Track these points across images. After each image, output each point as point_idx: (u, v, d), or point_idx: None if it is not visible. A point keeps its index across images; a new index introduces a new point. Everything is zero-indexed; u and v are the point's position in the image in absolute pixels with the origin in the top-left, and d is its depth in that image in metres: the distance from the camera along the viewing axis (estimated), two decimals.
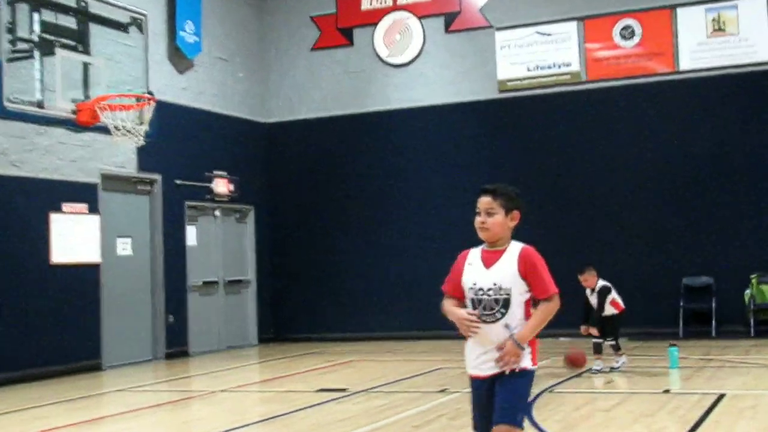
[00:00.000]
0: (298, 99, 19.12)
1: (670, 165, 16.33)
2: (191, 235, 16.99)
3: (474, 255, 5.01)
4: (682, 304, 15.73)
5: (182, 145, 16.62)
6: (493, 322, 4.78)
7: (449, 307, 5.00)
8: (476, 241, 17.36)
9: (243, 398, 11.30)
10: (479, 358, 4.83)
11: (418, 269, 17.68)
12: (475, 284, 4.86)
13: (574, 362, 11.48)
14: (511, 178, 17.06)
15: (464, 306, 4.90)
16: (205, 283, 17.27)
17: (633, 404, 9.23)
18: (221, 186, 17.60)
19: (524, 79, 17.45)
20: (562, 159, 17.03)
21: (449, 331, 18.10)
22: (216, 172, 17.54)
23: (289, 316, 18.75)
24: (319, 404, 9.92)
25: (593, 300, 11.63)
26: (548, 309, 4.77)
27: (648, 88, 16.65)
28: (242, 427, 8.90)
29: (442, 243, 17.59)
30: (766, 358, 12.47)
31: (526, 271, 4.77)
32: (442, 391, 10.47)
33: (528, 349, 4.77)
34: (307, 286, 18.65)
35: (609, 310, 11.63)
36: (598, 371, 11.50)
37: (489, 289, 4.80)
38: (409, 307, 17.79)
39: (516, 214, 4.93)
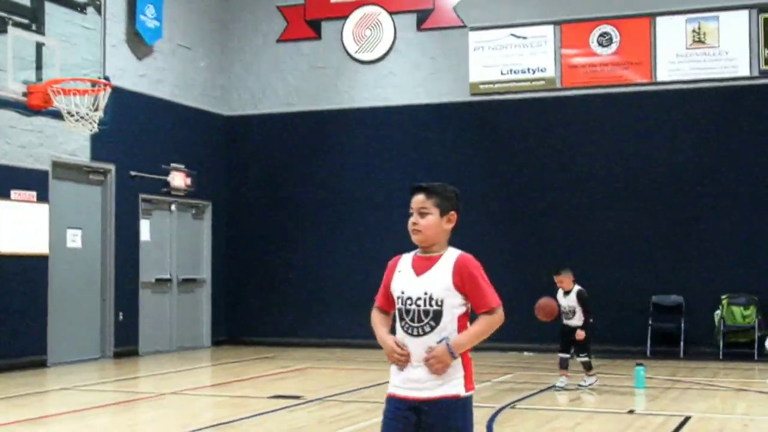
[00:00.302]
0: (261, 92, 19.07)
1: (643, 178, 16.48)
2: (145, 229, 16.89)
3: (405, 261, 4.69)
4: (650, 322, 15.88)
5: (138, 135, 16.53)
6: (419, 335, 4.39)
7: (378, 324, 4.68)
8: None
9: (193, 402, 11.26)
10: (402, 375, 4.41)
11: (380, 274, 17.64)
12: (403, 293, 4.51)
13: (545, 310, 11.45)
14: (480, 183, 17.24)
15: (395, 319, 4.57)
16: (158, 281, 17.19)
17: (596, 423, 9.34)
18: (178, 179, 17.51)
19: (497, 82, 17.54)
20: (532, 167, 17.13)
21: None
22: (173, 165, 17.45)
23: (244, 318, 18.70)
24: (271, 411, 9.92)
25: (566, 302, 11.68)
26: (490, 321, 4.38)
27: (624, 98, 16.80)
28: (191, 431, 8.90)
29: (406, 247, 17.62)
30: (734, 381, 12.64)
31: (462, 281, 4.40)
32: None
33: (460, 371, 4.35)
34: (263, 287, 18.62)
35: (579, 319, 11.70)
36: (562, 388, 11.59)
37: (418, 299, 4.43)
38: (365, 314, 17.66)
39: (453, 215, 4.59)
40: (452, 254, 4.54)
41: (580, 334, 11.58)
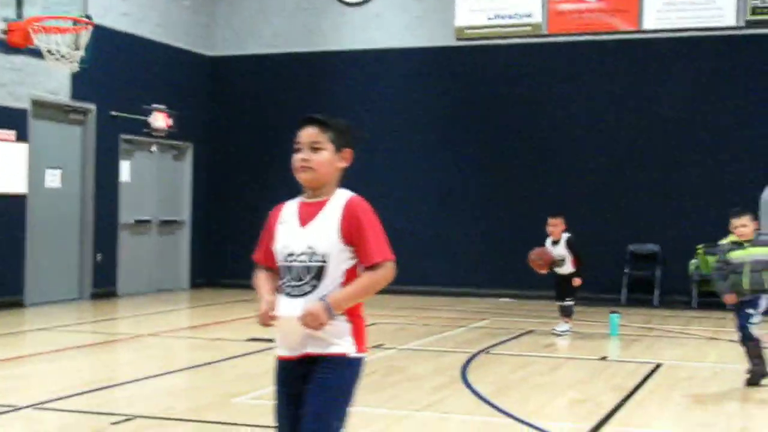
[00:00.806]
0: (246, 33, 19.00)
1: (626, 127, 16.56)
2: (125, 170, 16.90)
3: (289, 210, 4.14)
4: (626, 271, 16.08)
5: (120, 75, 16.47)
6: (299, 296, 3.91)
7: (260, 284, 4.16)
8: (422, 189, 17.57)
9: (171, 344, 11.39)
10: (286, 338, 3.97)
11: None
12: (285, 248, 4.00)
13: (541, 258, 11.76)
14: (464, 128, 17.30)
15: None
16: (138, 222, 17.24)
17: (569, 370, 9.52)
18: (159, 120, 17.49)
19: (483, 27, 17.52)
20: (517, 113, 17.17)
21: (389, 286, 18.29)
22: (154, 106, 17.41)
23: (224, 261, 18.78)
24: (248, 354, 10.04)
25: (556, 251, 11.85)
26: (376, 278, 3.88)
27: (610, 45, 16.82)
28: (168, 373, 9.02)
29: (390, 192, 17.75)
30: (706, 329, 12.84)
31: (350, 229, 3.91)
32: (377, 346, 10.65)
33: (347, 330, 3.91)
34: (243, 231, 18.58)
35: (569, 268, 11.90)
36: (561, 333, 11.84)
37: (301, 254, 3.94)
38: None
39: (348, 153, 4.11)
40: (341, 198, 4.04)
41: (577, 281, 11.82)
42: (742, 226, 8.49)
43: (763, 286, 8.37)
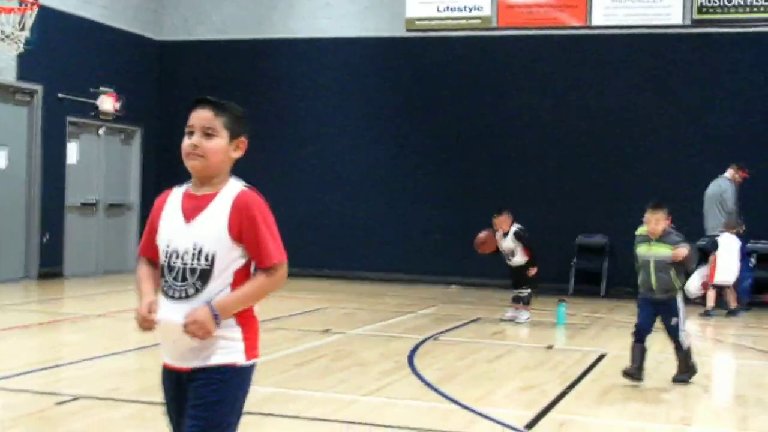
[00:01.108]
0: (195, 18, 18.85)
1: (573, 121, 16.71)
2: (72, 152, 16.72)
3: (173, 200, 3.68)
4: (574, 261, 16.24)
5: (67, 57, 16.27)
6: (181, 299, 3.48)
7: (142, 278, 3.66)
8: (372, 178, 17.49)
9: (117, 325, 11.24)
10: (169, 344, 3.52)
11: (310, 206, 17.78)
12: (168, 246, 3.56)
13: (484, 243, 11.85)
14: (414, 120, 17.33)
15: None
16: (84, 204, 17.07)
17: (516, 357, 9.60)
18: (107, 103, 17.28)
19: (433, 19, 17.55)
20: (466, 105, 17.24)
21: (336, 271, 18.28)
22: (102, 88, 17.20)
23: None
24: None
25: (505, 244, 11.93)
26: (270, 281, 3.50)
27: (558, 40, 16.96)
28: (116, 354, 8.94)
29: (334, 183, 17.75)
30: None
31: (241, 226, 3.48)
32: (326, 331, 10.67)
33: (239, 335, 3.49)
34: None
35: (521, 259, 12.00)
36: (509, 320, 12.03)
37: (185, 253, 3.50)
38: (298, 245, 17.75)
39: (243, 142, 3.68)
40: (232, 190, 3.59)
41: (532, 271, 11.97)
42: (655, 222, 8.10)
43: (673, 285, 8.08)
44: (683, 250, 7.97)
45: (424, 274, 17.00)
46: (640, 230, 8.34)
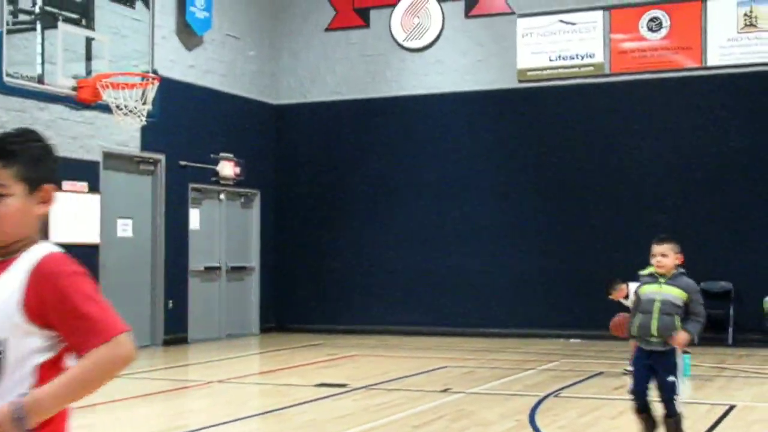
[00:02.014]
0: (310, 81, 19.21)
1: (693, 164, 16.37)
2: (194, 218, 17.11)
3: None
4: None
5: (188, 125, 16.74)
6: None
7: None
8: (488, 230, 17.30)
9: (240, 390, 11.43)
10: None
11: (426, 262, 17.81)
12: None
13: (617, 328, 11.46)
14: (527, 170, 17.24)
15: None
16: (207, 269, 17.42)
17: None
18: (227, 168, 17.71)
19: (545, 69, 17.50)
20: (581, 153, 17.08)
21: (456, 328, 18.21)
22: (222, 154, 17.65)
23: (292, 305, 18.90)
24: (317, 400, 10.05)
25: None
26: (99, 364, 2.54)
27: (674, 83, 16.69)
28: (237, 420, 9.06)
29: (453, 235, 17.74)
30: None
31: (45, 305, 2.55)
32: (445, 390, 10.60)
33: None
34: (311, 275, 18.79)
35: None
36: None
37: None
38: (414, 301, 17.93)
39: (48, 191, 2.72)
40: (32, 256, 2.62)
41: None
42: (662, 255, 7.10)
43: (674, 333, 6.84)
44: (685, 336, 6.85)
45: (543, 328, 16.78)
46: (646, 271, 7.23)
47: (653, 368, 6.95)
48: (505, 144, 17.59)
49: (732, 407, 9.38)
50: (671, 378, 6.86)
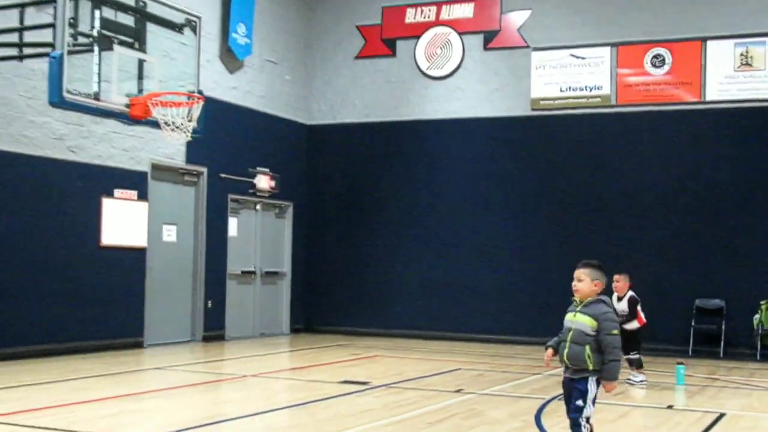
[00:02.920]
0: (340, 104, 19.31)
1: (689, 190, 16.35)
2: (233, 226, 17.22)
3: None
4: (693, 324, 15.77)
5: (228, 141, 16.88)
6: None
7: None
8: (502, 245, 17.35)
9: (271, 384, 11.47)
10: None
11: (443, 272, 17.85)
12: None
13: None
14: (538, 191, 17.26)
15: None
16: (243, 273, 17.50)
17: (637, 417, 9.35)
18: (263, 182, 17.84)
19: (556, 98, 17.54)
20: (588, 176, 17.09)
21: (469, 334, 18.22)
22: (259, 168, 17.77)
23: (320, 308, 18.95)
24: (341, 395, 10.08)
25: (620, 307, 11.68)
26: None
27: (674, 115, 16.67)
28: (269, 412, 9.10)
29: (468, 250, 17.77)
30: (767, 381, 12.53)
31: None
32: (458, 391, 10.62)
33: None
34: (338, 281, 18.85)
35: (633, 324, 11.73)
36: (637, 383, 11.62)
37: None
38: (431, 308, 17.95)
39: None
40: None
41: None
42: (577, 280, 6.74)
43: (583, 365, 6.26)
44: (612, 386, 6.33)
45: (550, 336, 16.67)
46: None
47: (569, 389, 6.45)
48: (517, 166, 17.62)
49: (722, 415, 9.35)
50: (579, 402, 6.31)
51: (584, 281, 6.57)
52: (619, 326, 6.74)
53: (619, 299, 11.75)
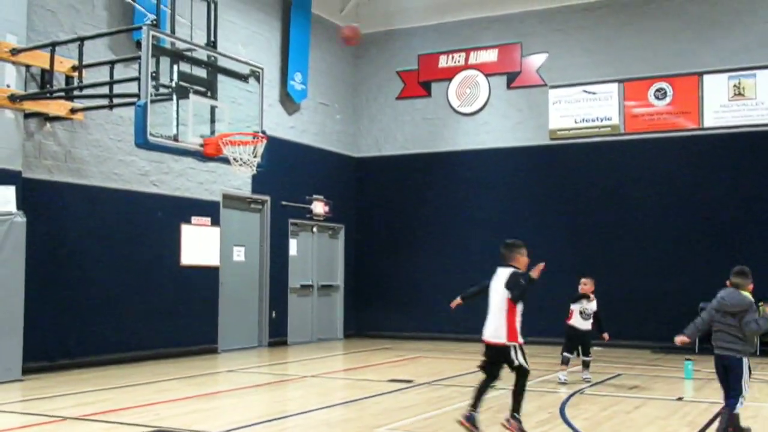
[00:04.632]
0: (383, 139, 19.30)
1: (693, 206, 16.09)
2: (293, 246, 17.24)
3: None
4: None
5: (288, 173, 16.92)
6: None
7: None
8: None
9: (328, 383, 11.42)
10: None
11: (473, 284, 17.64)
12: None
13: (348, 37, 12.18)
14: (556, 210, 17.07)
15: None
16: (302, 286, 17.50)
17: (650, 408, 9.13)
18: (318, 207, 17.85)
19: (571, 129, 17.37)
20: (600, 197, 16.89)
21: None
22: (315, 196, 17.79)
23: (369, 316, 18.89)
24: (389, 392, 10.00)
25: (590, 307, 11.52)
26: None
27: (677, 141, 16.43)
28: (326, 408, 9.04)
29: (496, 262, 17.56)
30: (767, 374, 12.18)
31: None
32: (491, 387, 10.44)
33: None
34: (384, 292, 18.78)
35: (590, 325, 11.43)
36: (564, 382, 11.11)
37: None
38: (468, 313, 17.70)
39: None
40: None
41: (606, 336, 11.39)
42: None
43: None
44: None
45: (563, 336, 16.45)
46: None
47: None
48: (538, 189, 17.46)
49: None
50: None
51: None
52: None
53: (589, 300, 11.52)
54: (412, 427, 7.80)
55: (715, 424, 8.04)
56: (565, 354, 11.36)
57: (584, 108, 17.27)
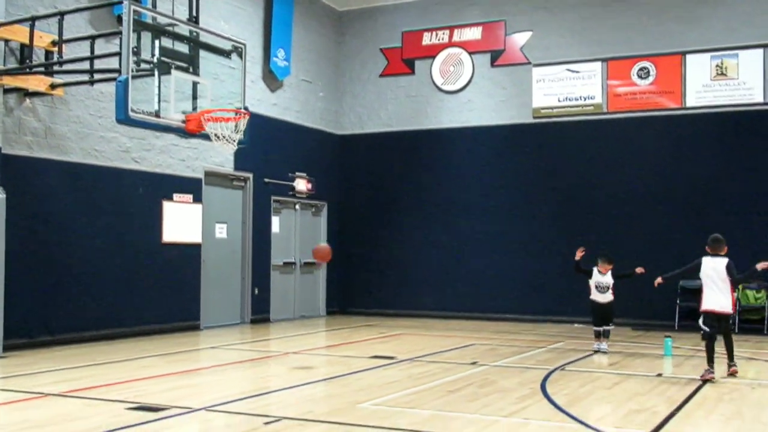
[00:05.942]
0: (366, 116, 19.26)
1: (673, 185, 16.18)
2: (275, 223, 17.22)
3: None
4: (678, 302, 15.58)
5: (271, 150, 16.86)
6: None
7: None
8: (508, 237, 17.26)
9: (310, 360, 11.42)
10: None
11: (457, 261, 17.76)
12: None
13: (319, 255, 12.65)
14: (539, 189, 17.11)
15: None
16: (285, 263, 17.49)
17: (630, 384, 9.21)
18: (301, 185, 17.81)
19: (555, 108, 17.39)
20: (583, 176, 16.94)
21: (482, 314, 18.09)
22: (297, 173, 17.75)
23: (351, 293, 18.93)
24: (371, 369, 10.04)
25: (605, 280, 11.95)
26: None
27: (659, 120, 16.49)
28: (308, 384, 9.06)
29: (478, 242, 17.67)
30: (746, 351, 12.30)
31: None
32: (473, 363, 10.54)
33: None
34: (366, 270, 18.81)
35: (609, 296, 11.96)
36: (605, 351, 11.62)
37: None
38: (449, 292, 17.87)
39: None
40: None
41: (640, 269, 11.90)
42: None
43: None
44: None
45: (552, 315, 16.66)
46: None
47: None
48: (521, 167, 17.49)
49: (706, 381, 9.22)
50: None
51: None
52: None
53: (603, 273, 11.79)
54: (394, 402, 7.84)
55: (695, 398, 8.14)
56: (595, 329, 11.94)
57: (567, 87, 17.28)
